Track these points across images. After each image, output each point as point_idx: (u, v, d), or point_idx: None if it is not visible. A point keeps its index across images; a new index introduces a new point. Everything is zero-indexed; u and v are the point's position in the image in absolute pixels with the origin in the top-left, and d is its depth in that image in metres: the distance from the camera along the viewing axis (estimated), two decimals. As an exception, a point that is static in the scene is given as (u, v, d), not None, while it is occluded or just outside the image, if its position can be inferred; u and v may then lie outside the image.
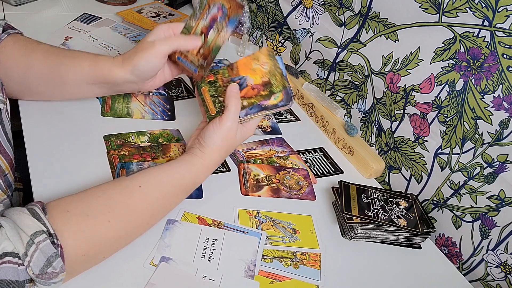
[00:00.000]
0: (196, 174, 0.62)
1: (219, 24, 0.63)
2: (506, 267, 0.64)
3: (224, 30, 0.62)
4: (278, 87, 0.62)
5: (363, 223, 0.66)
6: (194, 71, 0.64)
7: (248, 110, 0.64)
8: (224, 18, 0.63)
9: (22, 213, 0.44)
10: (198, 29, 0.64)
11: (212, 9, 0.63)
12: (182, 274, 0.55)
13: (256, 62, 0.64)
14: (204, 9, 0.64)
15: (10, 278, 0.41)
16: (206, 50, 0.63)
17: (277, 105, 0.63)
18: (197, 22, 0.64)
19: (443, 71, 0.68)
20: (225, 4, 0.63)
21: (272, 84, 0.63)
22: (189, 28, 0.65)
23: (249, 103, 0.63)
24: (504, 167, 0.62)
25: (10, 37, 0.67)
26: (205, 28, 0.63)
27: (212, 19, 0.63)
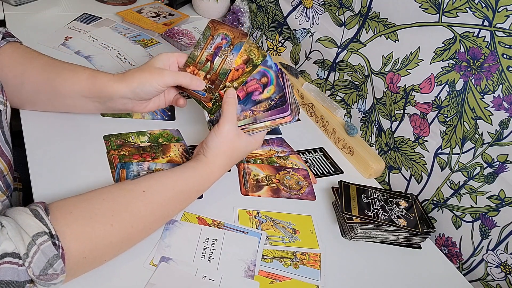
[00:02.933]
0: (200, 180, 0.62)
1: (224, 51, 0.65)
2: (506, 267, 0.64)
3: (229, 56, 0.65)
4: (259, 59, 0.64)
5: (363, 223, 0.66)
6: (202, 94, 0.65)
7: (243, 106, 0.65)
8: (228, 46, 0.65)
9: (25, 213, 0.44)
10: (203, 57, 0.66)
11: (216, 39, 0.65)
12: (182, 274, 0.55)
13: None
14: (208, 39, 0.66)
15: (10, 278, 0.41)
16: (213, 75, 0.65)
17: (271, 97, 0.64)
18: (202, 51, 0.66)
19: (443, 71, 0.68)
20: (229, 33, 0.66)
21: (252, 59, 0.64)
22: (194, 58, 0.66)
23: (238, 83, 0.64)
24: (504, 167, 0.62)
25: (9, 45, 0.67)
26: (210, 56, 0.65)
27: (217, 47, 0.65)
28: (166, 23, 1.11)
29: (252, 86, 0.65)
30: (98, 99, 0.65)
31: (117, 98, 0.64)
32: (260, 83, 0.65)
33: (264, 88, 0.64)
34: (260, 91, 0.65)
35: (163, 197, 0.57)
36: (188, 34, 1.10)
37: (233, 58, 0.65)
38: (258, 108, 0.64)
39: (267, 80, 0.64)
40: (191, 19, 1.19)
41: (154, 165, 0.69)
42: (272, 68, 0.65)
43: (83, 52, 0.92)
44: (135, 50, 0.98)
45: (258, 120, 0.64)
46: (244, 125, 0.65)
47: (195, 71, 0.66)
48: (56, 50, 0.91)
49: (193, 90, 0.66)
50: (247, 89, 0.65)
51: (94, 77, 0.65)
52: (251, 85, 0.65)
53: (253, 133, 0.66)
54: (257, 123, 0.65)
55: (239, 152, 0.65)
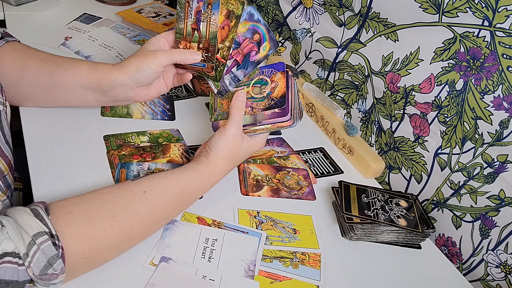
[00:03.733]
0: (201, 181, 0.61)
1: (205, 14, 0.62)
2: (506, 267, 0.64)
3: (212, 17, 0.62)
4: (239, 8, 0.61)
5: (363, 223, 0.66)
6: (203, 66, 0.64)
7: (244, 71, 0.64)
8: (206, 6, 0.62)
9: (25, 213, 0.44)
10: (189, 28, 0.64)
11: (192, 4, 0.63)
12: (182, 274, 0.55)
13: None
14: (185, 8, 0.64)
15: (10, 278, 0.41)
16: (205, 43, 0.63)
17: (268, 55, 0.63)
18: (185, 22, 0.64)
19: (443, 71, 0.68)
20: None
21: (232, 10, 0.62)
22: (180, 32, 0.65)
23: (230, 41, 0.62)
24: (504, 167, 0.62)
25: (8, 44, 0.67)
26: (194, 24, 0.63)
27: (196, 12, 0.63)
28: (166, 23, 1.11)
29: (247, 47, 0.64)
30: (98, 89, 0.65)
31: (118, 86, 0.64)
32: (254, 41, 0.64)
33: (259, 46, 0.64)
34: (256, 50, 0.64)
35: (163, 198, 0.56)
36: (188, 34, 1.10)
37: (216, 18, 0.62)
38: (258, 105, 0.64)
39: (260, 37, 0.63)
40: (191, 19, 1.19)
41: (154, 165, 0.69)
42: (261, 22, 0.63)
43: (83, 52, 0.92)
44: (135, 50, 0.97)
45: (258, 121, 0.64)
46: (245, 125, 0.64)
47: (187, 44, 0.65)
48: (56, 50, 0.91)
49: (192, 64, 0.64)
50: (242, 50, 0.64)
51: (94, 67, 0.65)
52: (245, 46, 0.64)
53: (253, 134, 0.66)
54: (257, 125, 0.64)
55: (241, 155, 0.65)
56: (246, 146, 0.65)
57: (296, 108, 0.64)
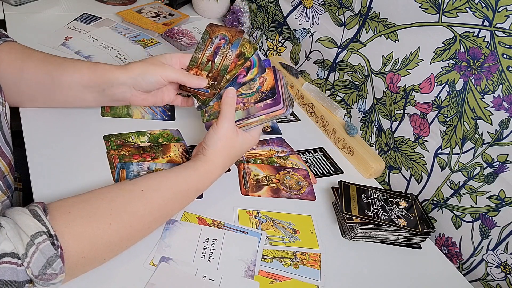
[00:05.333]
0: (199, 179, 0.62)
1: (223, 50, 0.68)
2: (506, 267, 0.64)
3: (229, 53, 0.68)
4: (250, 52, 0.68)
5: (363, 223, 0.66)
6: (206, 91, 0.67)
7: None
8: (227, 44, 0.68)
9: (23, 214, 0.44)
10: (204, 58, 0.69)
11: (214, 40, 0.69)
12: (182, 274, 0.55)
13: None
14: (207, 42, 0.69)
15: (9, 278, 0.41)
16: (215, 73, 0.68)
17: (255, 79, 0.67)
18: (202, 53, 0.69)
19: (443, 71, 0.68)
20: (226, 33, 0.70)
21: (243, 52, 0.69)
22: (195, 60, 0.69)
23: (231, 75, 0.68)
24: (504, 167, 0.62)
25: (6, 44, 0.67)
26: (211, 56, 0.69)
27: (216, 47, 0.69)
28: (166, 23, 1.11)
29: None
30: (97, 87, 0.66)
31: (117, 85, 0.65)
32: (244, 67, 0.68)
33: (248, 71, 0.68)
34: (244, 74, 0.68)
35: (162, 197, 0.57)
36: (188, 34, 1.10)
37: (232, 55, 0.68)
38: (249, 100, 0.66)
39: (250, 64, 0.68)
40: (191, 19, 1.19)
41: (154, 165, 0.69)
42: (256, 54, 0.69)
43: (83, 52, 0.92)
44: (135, 50, 0.98)
45: (252, 114, 0.65)
46: (238, 120, 0.65)
47: (198, 72, 0.68)
48: (56, 50, 0.91)
49: (196, 88, 0.67)
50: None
51: (94, 65, 0.66)
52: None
53: (248, 128, 0.67)
54: (251, 117, 0.65)
55: (237, 150, 0.65)
56: (241, 140, 0.65)
57: (287, 98, 0.66)
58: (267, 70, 0.68)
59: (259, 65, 0.68)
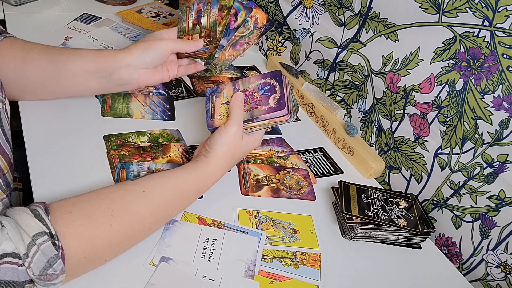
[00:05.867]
0: (200, 180, 0.62)
1: (205, 11, 0.71)
2: (506, 267, 0.64)
3: (211, 11, 0.71)
4: (230, 1, 0.71)
5: (363, 223, 0.66)
6: (206, 49, 0.70)
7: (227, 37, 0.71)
8: (206, 5, 0.71)
9: (25, 214, 0.44)
10: (190, 24, 0.72)
11: (193, 7, 0.72)
12: (182, 274, 0.55)
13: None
14: (186, 11, 0.72)
15: (10, 278, 0.41)
16: (206, 31, 0.71)
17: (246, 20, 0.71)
18: (186, 21, 0.72)
19: (443, 71, 0.68)
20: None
21: (224, 4, 0.71)
22: (182, 30, 0.72)
23: (223, 26, 0.71)
24: (504, 167, 0.62)
25: (7, 39, 0.67)
26: (195, 21, 0.72)
27: (197, 11, 0.72)
28: (166, 23, 1.11)
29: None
30: (103, 72, 0.67)
31: (123, 67, 0.66)
32: (231, 14, 0.72)
33: (236, 16, 0.72)
34: (234, 20, 0.72)
35: (163, 198, 0.57)
36: (188, 34, 1.10)
37: (215, 10, 0.71)
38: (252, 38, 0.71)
39: (235, 10, 0.72)
40: (191, 19, 1.19)
41: (154, 165, 0.69)
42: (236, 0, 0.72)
43: (83, 52, 0.92)
44: (135, 50, 0.98)
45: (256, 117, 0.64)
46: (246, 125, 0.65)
47: (190, 37, 0.72)
48: (56, 50, 0.91)
49: (196, 51, 0.70)
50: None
51: (98, 51, 0.68)
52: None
53: (251, 131, 0.66)
54: (254, 121, 0.65)
55: (240, 153, 0.65)
56: (245, 143, 0.66)
57: (291, 104, 0.66)
58: (254, 9, 0.72)
59: (243, 7, 0.72)
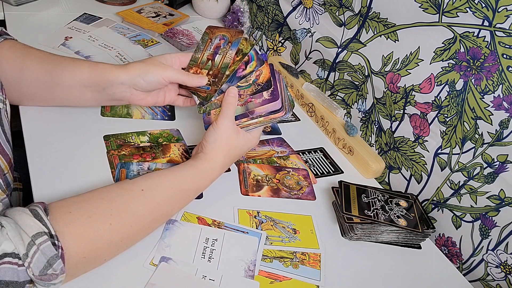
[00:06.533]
0: (199, 178, 0.62)
1: (223, 49, 0.70)
2: (506, 267, 0.64)
3: (228, 52, 0.69)
4: (247, 48, 0.70)
5: (363, 223, 0.66)
6: (207, 89, 0.68)
7: (229, 83, 0.68)
8: (226, 44, 0.70)
9: (24, 214, 0.44)
10: (204, 57, 0.70)
11: (214, 41, 0.71)
12: (182, 274, 0.55)
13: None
14: (206, 42, 0.71)
15: (10, 278, 0.41)
16: (215, 71, 0.69)
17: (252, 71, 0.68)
18: (202, 53, 0.71)
19: (443, 71, 0.68)
20: (225, 34, 0.71)
21: (241, 49, 0.70)
22: (195, 60, 0.71)
23: (230, 71, 0.69)
24: (504, 167, 0.62)
25: (6, 41, 0.67)
26: (211, 55, 0.70)
27: (216, 47, 0.70)
28: (166, 23, 1.11)
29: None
30: (97, 87, 0.66)
31: (116, 85, 0.65)
32: (243, 62, 0.70)
33: (246, 65, 0.69)
34: (243, 68, 0.69)
35: (162, 196, 0.57)
36: (188, 34, 1.10)
37: (232, 53, 0.69)
38: (246, 92, 0.67)
39: (248, 58, 0.70)
40: (191, 19, 1.19)
41: (154, 165, 0.69)
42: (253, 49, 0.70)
43: (83, 52, 0.92)
44: (135, 50, 0.98)
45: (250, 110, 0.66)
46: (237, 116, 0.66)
47: (198, 70, 0.69)
48: (56, 50, 0.91)
49: (197, 86, 0.68)
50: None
51: (95, 65, 0.67)
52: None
53: (248, 129, 0.67)
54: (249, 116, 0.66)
55: (237, 149, 0.66)
56: (242, 140, 0.66)
57: (286, 101, 0.67)
58: (264, 63, 0.70)
59: (257, 58, 0.69)
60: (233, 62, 0.69)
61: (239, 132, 0.65)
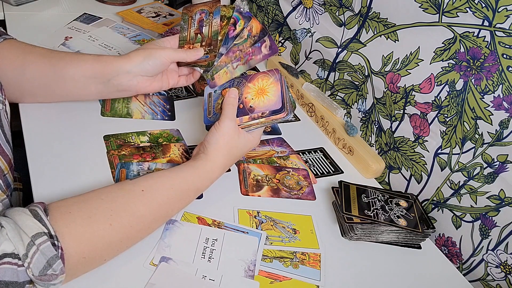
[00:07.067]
0: (199, 178, 0.62)
1: (207, 21, 0.72)
2: (506, 267, 0.64)
3: (213, 21, 0.72)
4: (229, 12, 0.73)
5: (363, 223, 0.66)
6: (206, 57, 0.70)
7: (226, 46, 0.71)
8: (208, 15, 0.72)
9: (24, 214, 0.44)
10: (192, 33, 0.73)
11: (195, 17, 0.73)
12: (182, 274, 0.55)
13: None
14: (188, 21, 0.73)
15: (9, 279, 0.41)
16: (207, 40, 0.71)
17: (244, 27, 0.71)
18: (188, 30, 0.73)
19: (443, 71, 0.68)
20: (203, 7, 0.74)
21: (224, 15, 0.73)
22: (184, 39, 0.72)
23: (222, 36, 0.72)
24: (504, 167, 0.62)
25: (6, 41, 0.67)
26: (197, 30, 0.73)
27: (199, 21, 0.73)
28: (166, 23, 1.11)
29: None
30: (102, 78, 0.67)
31: (122, 74, 0.66)
32: (230, 24, 0.73)
33: (235, 25, 0.72)
34: (233, 29, 0.72)
35: (162, 197, 0.57)
36: (188, 34, 1.10)
37: (217, 21, 0.73)
38: (245, 46, 0.71)
39: (234, 20, 0.73)
40: (191, 19, 1.19)
41: (154, 165, 0.69)
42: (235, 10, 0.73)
43: (83, 52, 0.92)
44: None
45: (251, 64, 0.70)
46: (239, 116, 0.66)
47: (191, 46, 0.72)
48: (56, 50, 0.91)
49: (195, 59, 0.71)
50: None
51: (98, 57, 0.68)
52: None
53: (249, 130, 0.67)
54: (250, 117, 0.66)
55: (238, 150, 0.66)
56: (243, 140, 0.66)
57: (288, 102, 0.68)
58: (251, 18, 0.72)
59: (242, 17, 0.72)
60: (221, 28, 0.72)
61: (240, 132, 0.65)
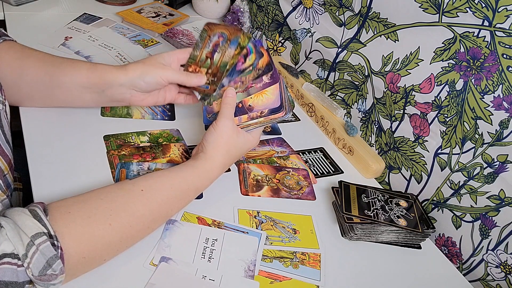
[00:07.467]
0: (199, 178, 0.62)
1: (222, 47, 0.68)
2: (506, 267, 0.64)
3: (227, 50, 0.68)
4: (245, 41, 0.68)
5: (363, 223, 0.66)
6: (206, 87, 0.68)
7: (229, 78, 0.68)
8: (225, 42, 0.68)
9: (23, 214, 0.44)
10: (203, 55, 0.69)
11: (213, 38, 0.69)
12: (182, 274, 0.55)
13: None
14: (205, 40, 0.70)
15: (9, 279, 0.41)
16: (214, 69, 0.68)
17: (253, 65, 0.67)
18: (201, 51, 0.69)
19: (443, 71, 0.68)
20: (224, 31, 0.69)
21: (239, 42, 0.68)
22: (194, 58, 0.70)
23: (230, 65, 0.68)
24: (504, 167, 0.62)
25: (6, 43, 0.67)
26: (209, 53, 0.69)
27: (214, 45, 0.69)
28: (166, 23, 1.11)
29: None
30: (96, 88, 0.66)
31: (116, 86, 0.65)
32: (242, 55, 0.68)
33: (246, 58, 0.68)
34: (242, 61, 0.68)
35: (161, 196, 0.57)
36: (188, 34, 1.10)
37: (231, 52, 0.68)
38: (248, 78, 0.67)
39: (247, 51, 0.68)
40: (191, 19, 1.19)
41: (154, 165, 0.69)
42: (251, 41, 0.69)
43: (83, 52, 0.92)
44: (135, 50, 0.98)
45: (249, 106, 0.66)
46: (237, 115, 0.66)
47: (197, 69, 0.69)
48: (56, 50, 0.91)
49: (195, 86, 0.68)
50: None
51: (93, 66, 0.66)
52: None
53: (248, 130, 0.67)
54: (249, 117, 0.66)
55: (237, 150, 0.66)
56: (242, 140, 0.66)
57: (286, 101, 0.67)
58: (260, 49, 0.69)
59: (256, 51, 0.69)
60: (232, 57, 0.68)
61: (239, 132, 0.65)
